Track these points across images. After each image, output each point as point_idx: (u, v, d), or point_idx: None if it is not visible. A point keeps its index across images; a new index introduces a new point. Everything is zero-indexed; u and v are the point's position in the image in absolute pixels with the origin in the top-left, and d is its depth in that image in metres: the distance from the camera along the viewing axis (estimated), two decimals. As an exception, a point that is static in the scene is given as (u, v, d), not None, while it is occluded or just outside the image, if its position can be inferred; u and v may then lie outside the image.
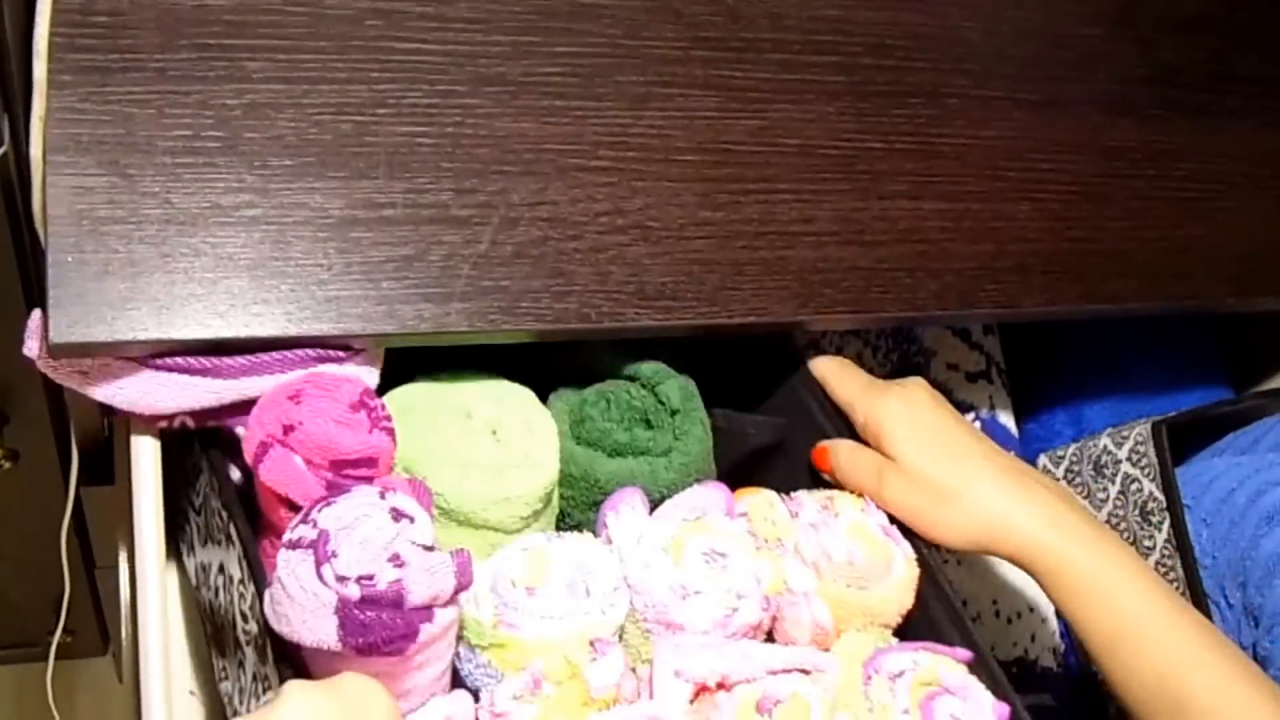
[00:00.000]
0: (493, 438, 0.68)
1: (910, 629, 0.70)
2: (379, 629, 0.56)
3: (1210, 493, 0.79)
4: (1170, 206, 0.82)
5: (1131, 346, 0.93)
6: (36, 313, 0.60)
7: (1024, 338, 0.93)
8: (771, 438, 0.77)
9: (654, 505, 0.69)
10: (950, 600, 0.70)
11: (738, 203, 0.71)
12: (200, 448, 0.67)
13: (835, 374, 0.75)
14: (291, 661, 0.59)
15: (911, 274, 0.74)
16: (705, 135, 0.72)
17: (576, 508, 0.71)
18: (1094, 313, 0.79)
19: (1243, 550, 0.75)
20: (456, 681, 0.64)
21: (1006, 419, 0.89)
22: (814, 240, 0.72)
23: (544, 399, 0.73)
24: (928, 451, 0.70)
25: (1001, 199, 0.78)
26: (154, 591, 0.62)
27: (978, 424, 0.88)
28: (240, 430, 0.64)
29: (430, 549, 0.58)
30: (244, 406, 0.63)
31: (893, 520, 0.71)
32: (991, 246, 0.76)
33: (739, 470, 0.75)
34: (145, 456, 0.64)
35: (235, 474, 0.68)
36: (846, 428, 0.74)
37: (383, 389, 0.68)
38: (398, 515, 0.58)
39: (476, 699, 0.62)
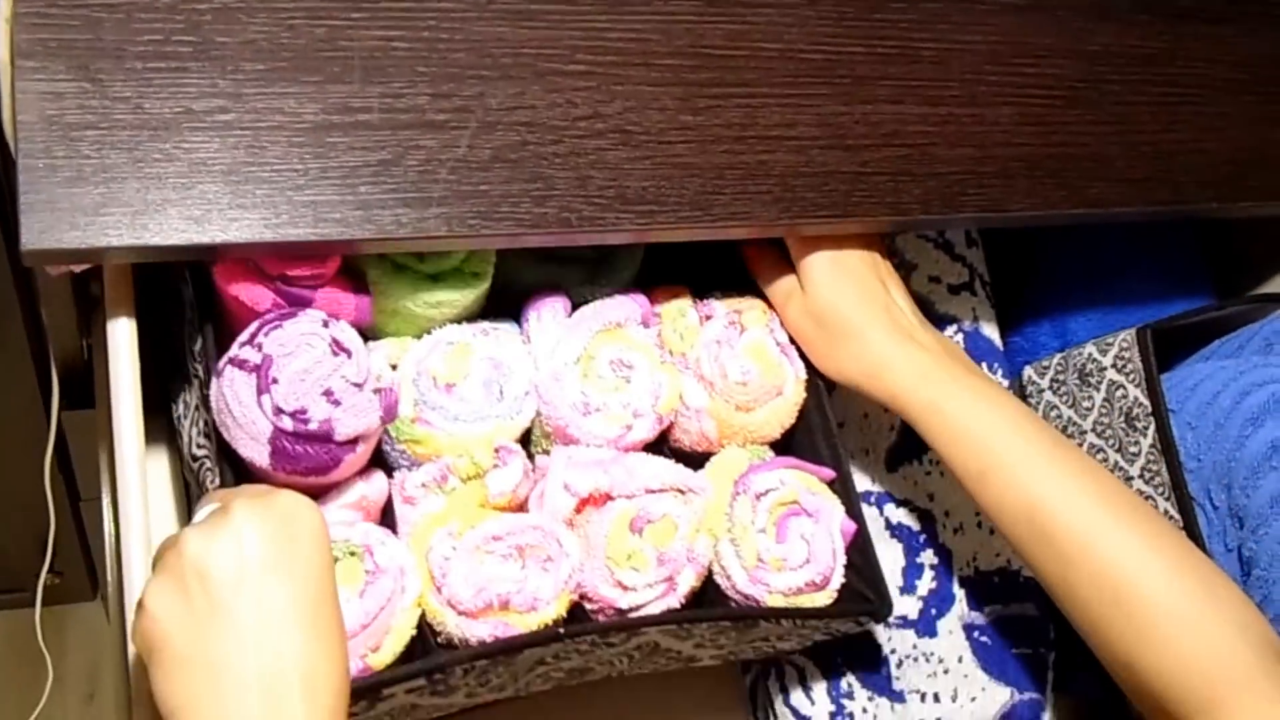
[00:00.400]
0: None
1: (793, 442, 0.79)
2: (306, 460, 0.63)
3: (1195, 396, 0.78)
4: (1154, 111, 0.82)
5: (1117, 259, 0.93)
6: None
7: (1008, 250, 0.93)
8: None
9: (576, 308, 0.75)
10: (828, 421, 0.77)
11: (718, 107, 0.71)
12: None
13: None
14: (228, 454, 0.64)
15: (894, 178, 0.74)
16: (684, 39, 0.71)
17: (509, 284, 0.75)
18: (1078, 217, 0.79)
19: (1227, 452, 0.75)
20: (378, 458, 0.70)
21: (990, 331, 0.89)
22: (796, 145, 0.72)
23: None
24: (835, 290, 0.75)
25: (984, 103, 0.77)
26: (133, 473, 0.63)
27: (960, 336, 0.88)
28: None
29: (361, 385, 0.64)
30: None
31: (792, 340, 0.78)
32: (975, 151, 0.76)
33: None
34: (122, 336, 0.64)
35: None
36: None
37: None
38: (337, 349, 0.64)
39: (391, 475, 0.70)
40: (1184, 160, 0.81)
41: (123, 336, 0.64)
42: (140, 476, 0.64)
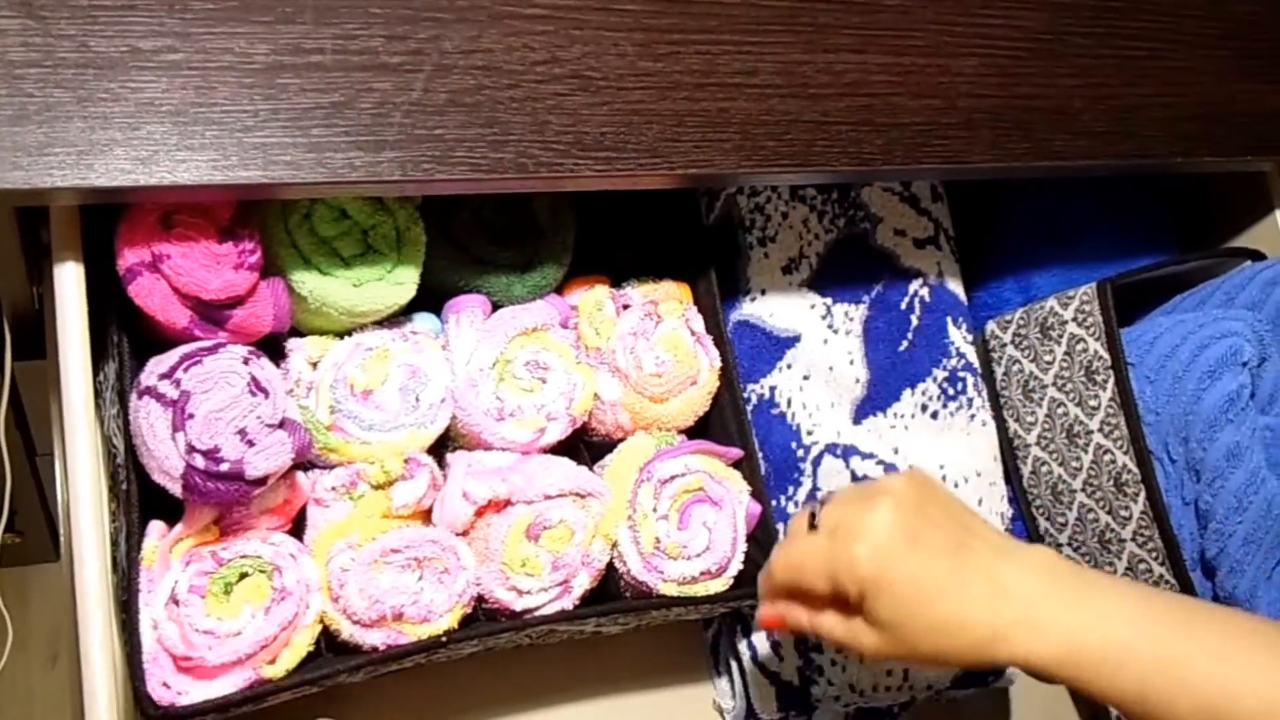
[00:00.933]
0: (363, 240, 0.70)
1: (708, 424, 0.81)
2: (216, 495, 0.63)
3: (1154, 350, 0.78)
4: (1119, 65, 0.81)
5: (1081, 215, 0.93)
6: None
7: (973, 205, 0.92)
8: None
9: (497, 307, 0.77)
10: (737, 400, 0.79)
11: (678, 54, 0.70)
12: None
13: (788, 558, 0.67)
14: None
15: (856, 128, 0.73)
16: (645, -16, 0.70)
17: (434, 281, 0.75)
18: (1041, 170, 0.78)
19: (1185, 405, 0.75)
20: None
21: (955, 286, 0.89)
22: (757, 93, 0.71)
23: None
24: (899, 621, 0.64)
25: (949, 54, 0.76)
26: (81, 422, 0.63)
27: (925, 290, 0.87)
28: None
29: (275, 426, 0.64)
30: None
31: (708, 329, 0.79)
32: (938, 101, 0.75)
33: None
34: (69, 281, 0.63)
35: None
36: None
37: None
38: (254, 388, 0.64)
39: (308, 471, 0.71)
40: (1148, 114, 0.81)
41: (70, 281, 0.63)
42: (89, 425, 0.63)
